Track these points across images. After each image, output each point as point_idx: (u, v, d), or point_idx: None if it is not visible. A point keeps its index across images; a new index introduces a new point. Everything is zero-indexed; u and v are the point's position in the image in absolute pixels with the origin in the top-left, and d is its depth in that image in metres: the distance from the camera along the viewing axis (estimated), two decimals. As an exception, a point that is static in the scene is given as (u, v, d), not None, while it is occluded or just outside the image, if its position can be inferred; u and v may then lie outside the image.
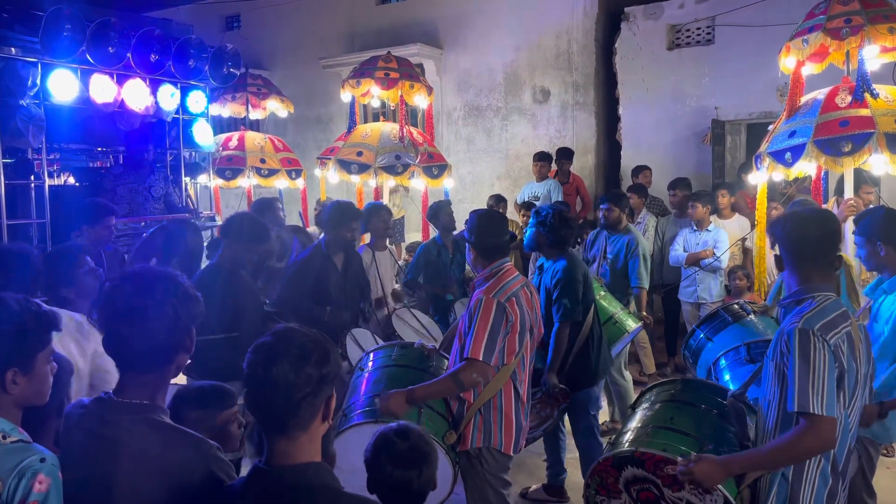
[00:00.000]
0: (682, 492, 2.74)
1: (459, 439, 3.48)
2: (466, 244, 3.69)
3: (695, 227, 7.01)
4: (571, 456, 4.95)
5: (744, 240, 7.07)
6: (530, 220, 4.80)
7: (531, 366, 3.73)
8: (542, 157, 8.92)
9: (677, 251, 7.05)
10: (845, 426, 2.56)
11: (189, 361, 2.28)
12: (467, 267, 6.77)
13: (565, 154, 9.17)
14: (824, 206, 6.00)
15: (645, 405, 3.28)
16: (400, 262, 6.80)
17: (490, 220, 3.72)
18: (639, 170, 8.59)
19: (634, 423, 3.16)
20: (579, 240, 6.98)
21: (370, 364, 3.91)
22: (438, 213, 6.75)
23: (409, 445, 2.39)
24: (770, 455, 2.54)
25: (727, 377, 3.92)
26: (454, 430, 3.46)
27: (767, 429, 2.65)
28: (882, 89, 5.37)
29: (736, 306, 4.68)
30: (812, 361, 2.41)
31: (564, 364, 4.54)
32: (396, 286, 6.15)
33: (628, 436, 3.06)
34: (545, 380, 4.42)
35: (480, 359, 3.32)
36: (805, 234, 2.64)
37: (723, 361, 4.06)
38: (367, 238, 6.15)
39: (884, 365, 3.44)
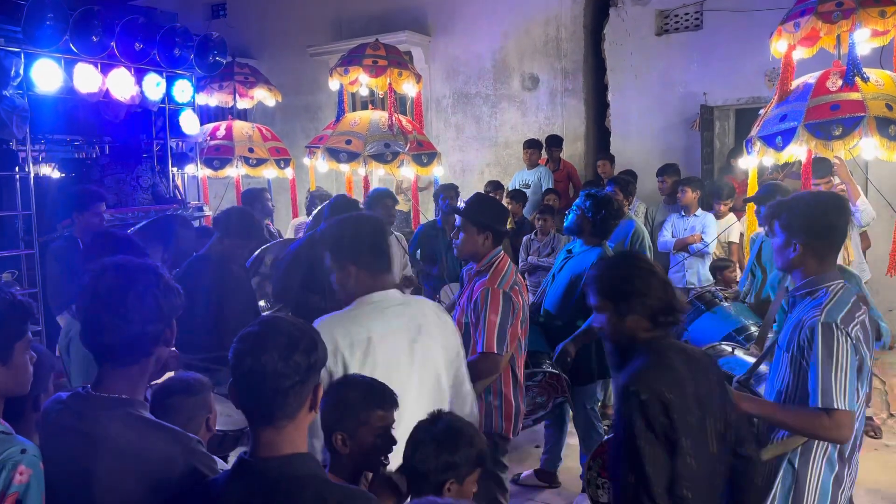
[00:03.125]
0: None
1: None
2: (461, 221, 3.59)
3: (683, 213, 7.01)
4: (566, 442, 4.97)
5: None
6: (576, 201, 4.73)
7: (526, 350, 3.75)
8: (532, 145, 8.89)
9: (665, 237, 7.04)
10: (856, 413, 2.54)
11: (174, 350, 2.25)
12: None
13: (555, 141, 9.14)
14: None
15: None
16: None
17: (493, 207, 3.69)
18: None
19: None
20: None
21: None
22: (440, 195, 6.87)
23: (429, 427, 2.17)
24: (790, 417, 2.51)
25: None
26: None
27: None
28: (872, 73, 5.35)
29: (708, 294, 4.68)
30: (836, 357, 2.40)
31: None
32: (406, 272, 6.04)
33: None
34: (560, 347, 4.24)
35: (495, 352, 3.32)
36: (831, 222, 2.57)
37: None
38: None
39: None
